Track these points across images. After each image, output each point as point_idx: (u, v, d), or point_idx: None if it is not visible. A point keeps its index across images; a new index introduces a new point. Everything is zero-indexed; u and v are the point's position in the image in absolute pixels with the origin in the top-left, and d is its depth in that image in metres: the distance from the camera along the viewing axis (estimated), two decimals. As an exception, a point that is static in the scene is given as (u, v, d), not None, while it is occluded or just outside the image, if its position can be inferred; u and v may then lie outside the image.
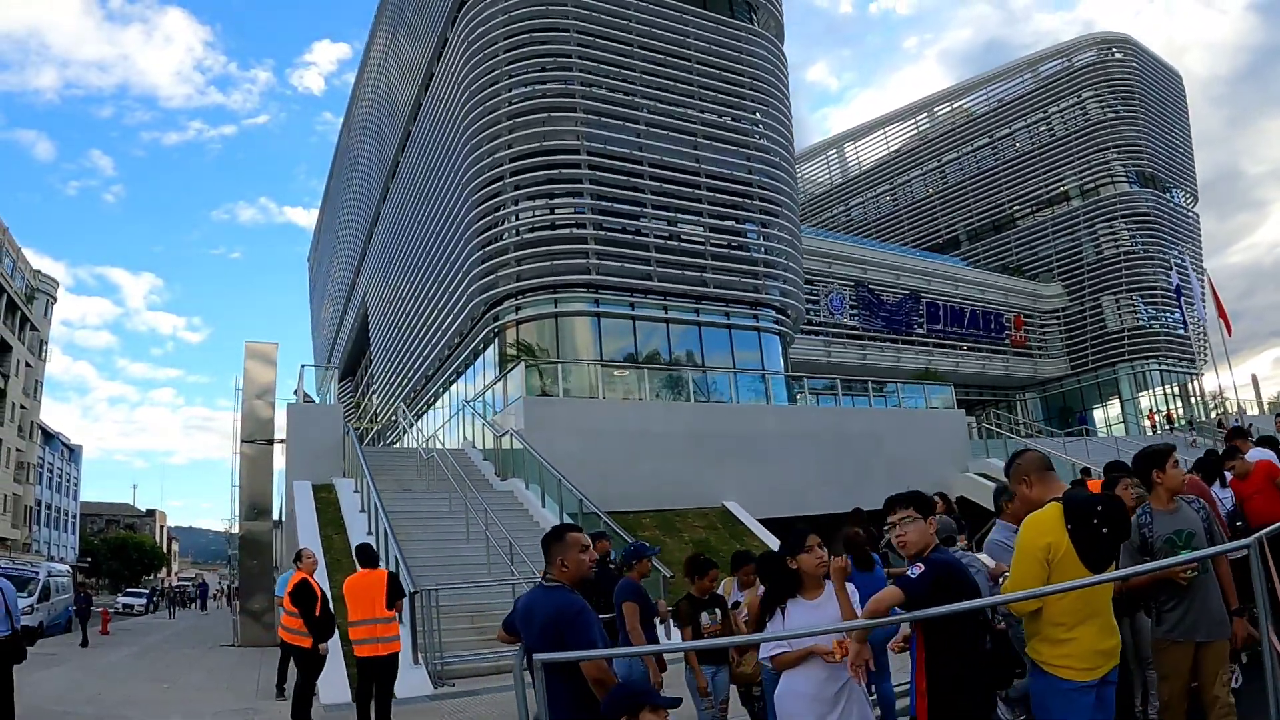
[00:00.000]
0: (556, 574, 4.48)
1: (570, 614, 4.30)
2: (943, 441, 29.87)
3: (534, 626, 4.39)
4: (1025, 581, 4.14)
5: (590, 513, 16.83)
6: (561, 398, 24.22)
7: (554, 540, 4.56)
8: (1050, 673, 4.11)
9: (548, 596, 4.43)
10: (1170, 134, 57.89)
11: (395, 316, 45.13)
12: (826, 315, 44.69)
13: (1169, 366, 53.59)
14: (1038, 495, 4.44)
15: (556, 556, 4.50)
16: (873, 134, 66.46)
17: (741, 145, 34.26)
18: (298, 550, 10.72)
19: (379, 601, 8.80)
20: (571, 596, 4.42)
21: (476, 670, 12.09)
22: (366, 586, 8.97)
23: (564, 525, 4.79)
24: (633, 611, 6.75)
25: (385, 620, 8.78)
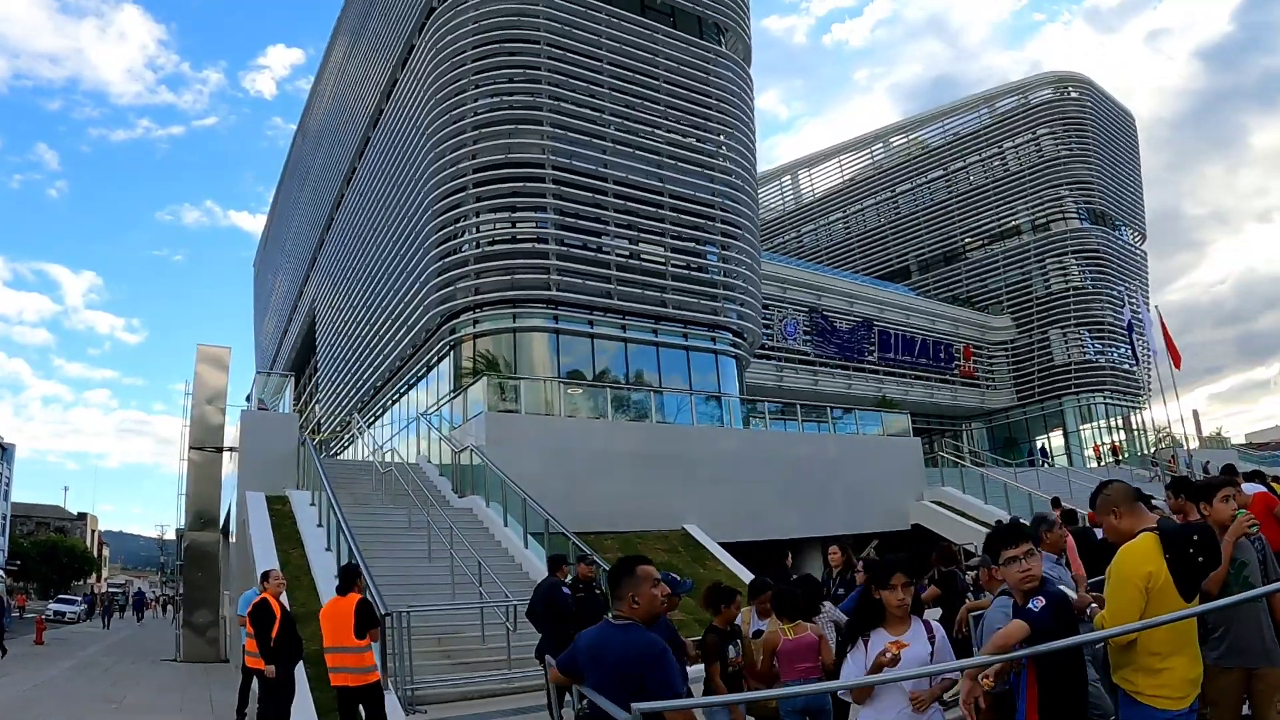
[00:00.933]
0: (628, 611, 4.13)
1: (652, 656, 3.97)
2: (899, 468, 29.87)
3: (606, 667, 4.07)
4: (1127, 610, 4.13)
5: (557, 533, 16.41)
6: (523, 414, 23.80)
7: (625, 574, 4.21)
8: (1145, 703, 4.11)
9: (621, 636, 4.08)
10: (1121, 173, 59.07)
11: (345, 325, 44.29)
12: (780, 340, 44.70)
13: (1113, 400, 54.47)
14: (1127, 526, 4.46)
15: (628, 592, 4.15)
16: (827, 162, 66.95)
17: (705, 167, 34.10)
18: (265, 570, 10.23)
19: (348, 630, 8.36)
20: (650, 636, 4.10)
21: (448, 696, 11.64)
22: (337, 614, 8.54)
23: (634, 558, 4.40)
24: None
25: (355, 650, 8.33)
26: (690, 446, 25.27)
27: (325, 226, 49.83)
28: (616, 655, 4.03)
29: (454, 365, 30.60)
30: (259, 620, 9.29)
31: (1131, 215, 59.86)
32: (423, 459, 25.05)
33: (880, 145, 64.43)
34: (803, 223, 67.18)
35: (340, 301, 45.66)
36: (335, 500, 15.19)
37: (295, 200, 62.22)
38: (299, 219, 60.23)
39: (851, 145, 66.29)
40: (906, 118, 65.66)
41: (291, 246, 62.92)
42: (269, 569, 10.38)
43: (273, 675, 9.17)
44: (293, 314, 60.91)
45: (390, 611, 11.23)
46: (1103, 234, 55.52)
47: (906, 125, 64.21)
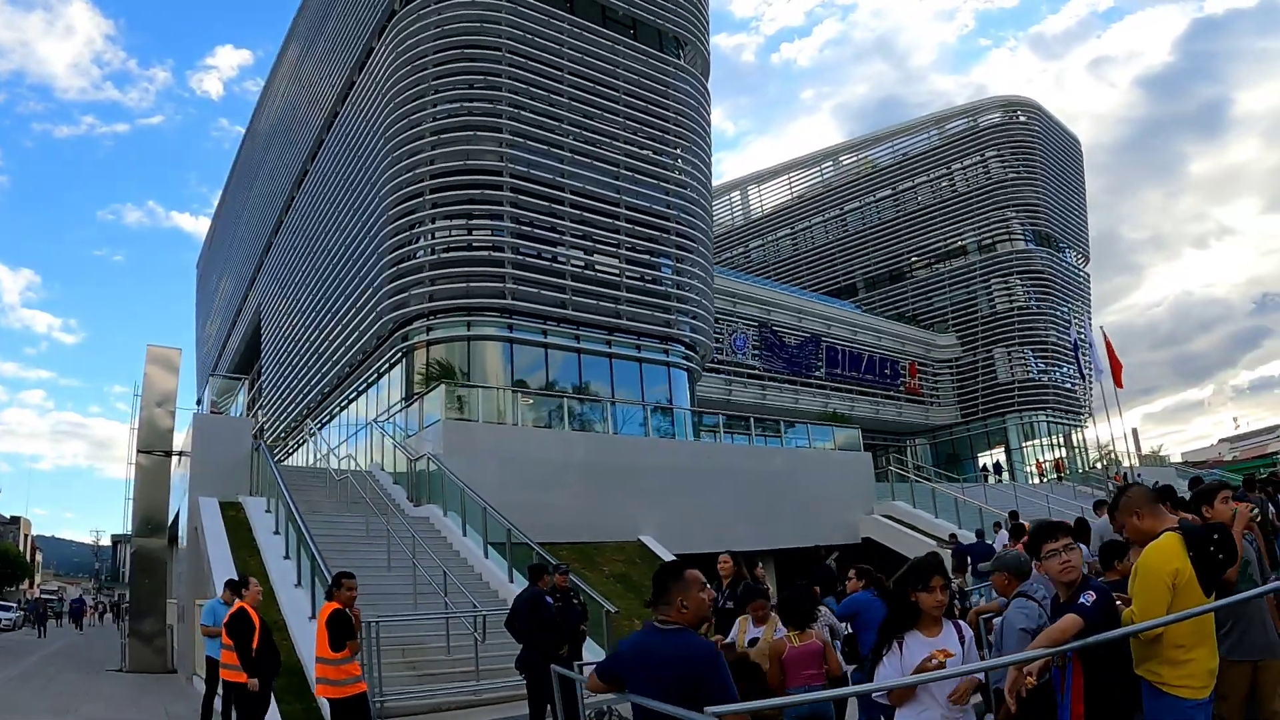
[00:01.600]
0: (675, 616, 4.04)
1: (706, 660, 3.92)
2: (850, 483, 30.09)
3: (655, 673, 3.96)
4: (1156, 605, 4.34)
5: (520, 544, 16.29)
6: (480, 423, 23.59)
7: (673, 578, 4.12)
8: (1170, 693, 4.31)
9: (671, 641, 3.99)
10: (1067, 196, 60.24)
11: (292, 330, 43.59)
12: (729, 354, 44.81)
13: (1055, 418, 55.42)
14: (1149, 526, 4.71)
15: (676, 596, 4.05)
16: (777, 178, 67.38)
17: (662, 179, 34.17)
18: (244, 577, 9.98)
19: (323, 641, 8.16)
20: (701, 640, 4.05)
21: (417, 709, 11.46)
22: (318, 625, 8.41)
23: (681, 561, 4.34)
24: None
25: (332, 661, 8.09)
26: (645, 458, 25.24)
27: (274, 229, 49.07)
28: (668, 660, 3.91)
29: (406, 372, 30.30)
30: (238, 631, 9.04)
31: (1075, 238, 61.04)
32: (375, 466, 24.76)
33: (830, 163, 65.02)
34: (751, 238, 67.50)
35: (288, 305, 44.96)
36: (296, 508, 14.92)
37: (243, 202, 61.20)
38: (246, 221, 59.21)
39: (802, 163, 66.82)
40: (857, 137, 66.46)
41: (237, 249, 61.83)
42: (247, 577, 10.11)
43: (255, 689, 8.96)
44: (237, 317, 59.85)
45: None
46: (1047, 255, 56.55)
47: (857, 144, 64.90)
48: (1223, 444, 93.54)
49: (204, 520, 16.84)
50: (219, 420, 21.67)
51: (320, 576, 13.10)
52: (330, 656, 8.00)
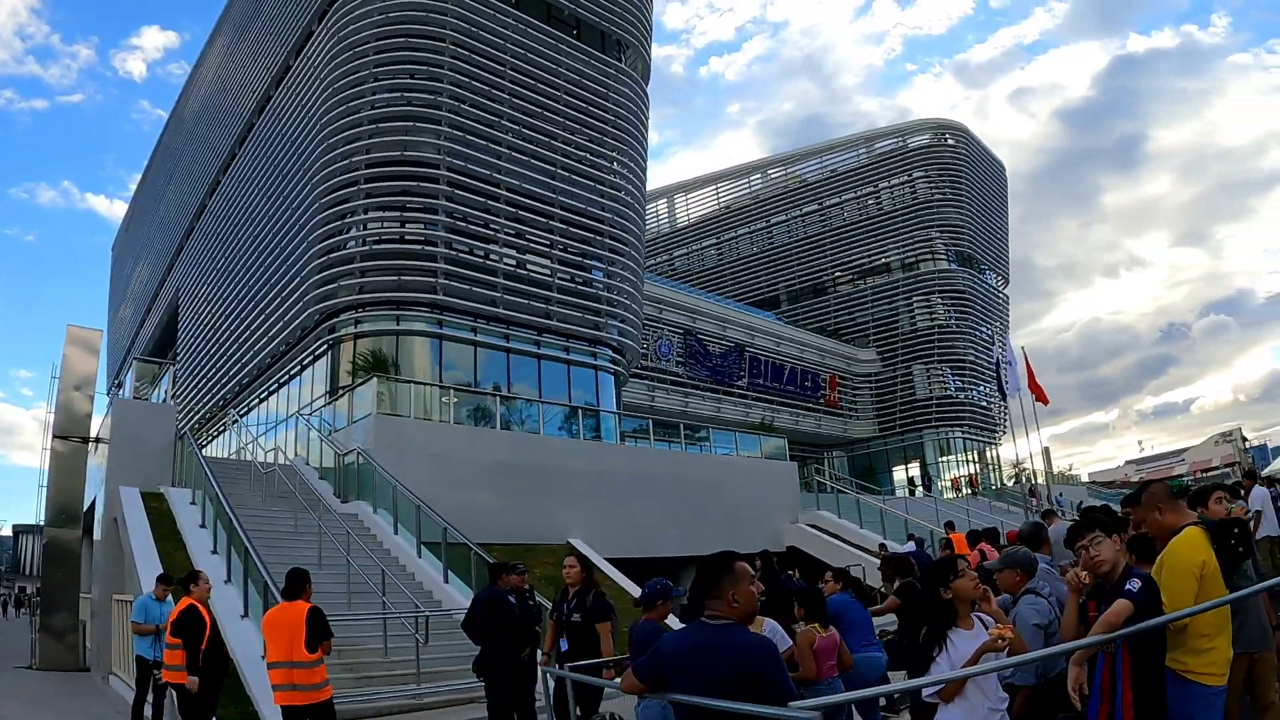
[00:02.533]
0: (726, 610, 3.81)
1: (766, 656, 3.71)
2: (776, 491, 30.18)
3: (708, 672, 3.72)
4: (1184, 596, 4.54)
5: (457, 544, 15.91)
6: (412, 419, 23.08)
7: (723, 570, 3.89)
8: (1193, 680, 4.50)
9: (724, 637, 3.76)
10: (990, 219, 61.67)
11: (212, 317, 42.35)
12: (654, 360, 44.72)
13: (970, 435, 56.50)
14: (1170, 521, 4.98)
15: (727, 590, 3.82)
16: (705, 188, 67.76)
17: (597, 181, 33.95)
18: (192, 571, 9.42)
19: (297, 641, 7.57)
20: (756, 635, 3.85)
21: (358, 713, 11.03)
22: (285, 623, 7.71)
23: (730, 553, 4.08)
24: None
25: (305, 665, 7.57)
26: (575, 461, 24.92)
27: (196, 213, 47.57)
28: (722, 658, 3.70)
29: (331, 365, 29.62)
30: (187, 629, 8.51)
31: (996, 260, 62.48)
32: (299, 460, 24.03)
33: (758, 176, 65.60)
34: (675, 246, 67.67)
35: (208, 292, 43.61)
36: (227, 501, 14.37)
37: (164, 185, 59.19)
38: (167, 205, 57.23)
39: (730, 174, 67.32)
40: (786, 152, 67.22)
41: (156, 233, 59.79)
42: (196, 571, 9.55)
43: (195, 689, 8.48)
44: (152, 303, 57.88)
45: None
46: (968, 276, 57.74)
47: (785, 159, 65.56)
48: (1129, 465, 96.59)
49: (125, 511, 16.10)
50: (141, 406, 20.65)
51: (254, 573, 12.63)
52: (305, 658, 7.50)
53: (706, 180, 67.78)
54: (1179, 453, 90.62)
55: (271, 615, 7.88)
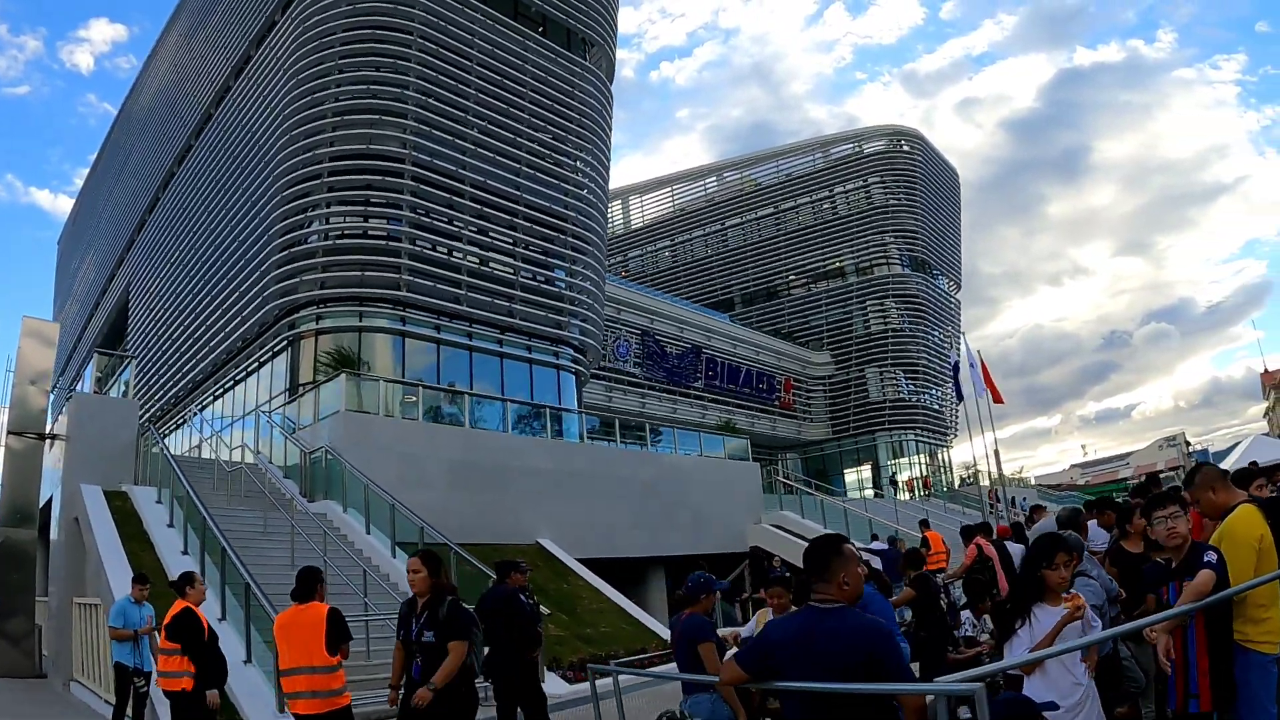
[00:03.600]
0: (836, 593, 3.63)
1: (883, 639, 3.55)
2: (740, 492, 29.94)
3: (822, 659, 3.52)
4: (1245, 568, 4.74)
5: (437, 543, 15.39)
6: (381, 416, 22.48)
7: (833, 553, 3.71)
8: (1252, 649, 4.68)
9: (839, 621, 3.58)
10: (943, 225, 62.27)
11: (165, 313, 41.23)
12: (611, 360, 44.34)
13: (923, 438, 56.83)
14: (1223, 500, 5.20)
15: (837, 573, 3.65)
16: (660, 190, 67.56)
17: (561, 179, 33.57)
18: (188, 574, 8.76)
19: (315, 645, 6.87)
20: (872, 618, 3.68)
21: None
22: (301, 626, 6.97)
23: (839, 536, 3.94)
24: (713, 654, 6.05)
25: (326, 669, 6.87)
26: (542, 460, 24.39)
27: (149, 207, 46.31)
28: (839, 642, 3.51)
29: (290, 362, 28.96)
30: (185, 634, 7.93)
31: (949, 265, 63.04)
32: (262, 458, 23.28)
33: (714, 179, 65.58)
34: (630, 248, 67.37)
35: (161, 287, 42.44)
36: (202, 501, 13.77)
37: (114, 178, 57.49)
38: (117, 198, 55.54)
39: (685, 176, 67.24)
40: (742, 155, 67.31)
41: (105, 227, 58.10)
42: (190, 573, 8.91)
43: (216, 704, 7.95)
44: (101, 297, 56.16)
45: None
46: (922, 280, 58.16)
47: (741, 162, 65.59)
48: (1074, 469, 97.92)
49: (89, 511, 15.35)
50: (102, 401, 19.73)
51: (232, 575, 12.09)
52: (325, 663, 6.86)
53: (662, 182, 67.62)
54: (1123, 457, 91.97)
55: (285, 618, 7.20)
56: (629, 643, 16.25)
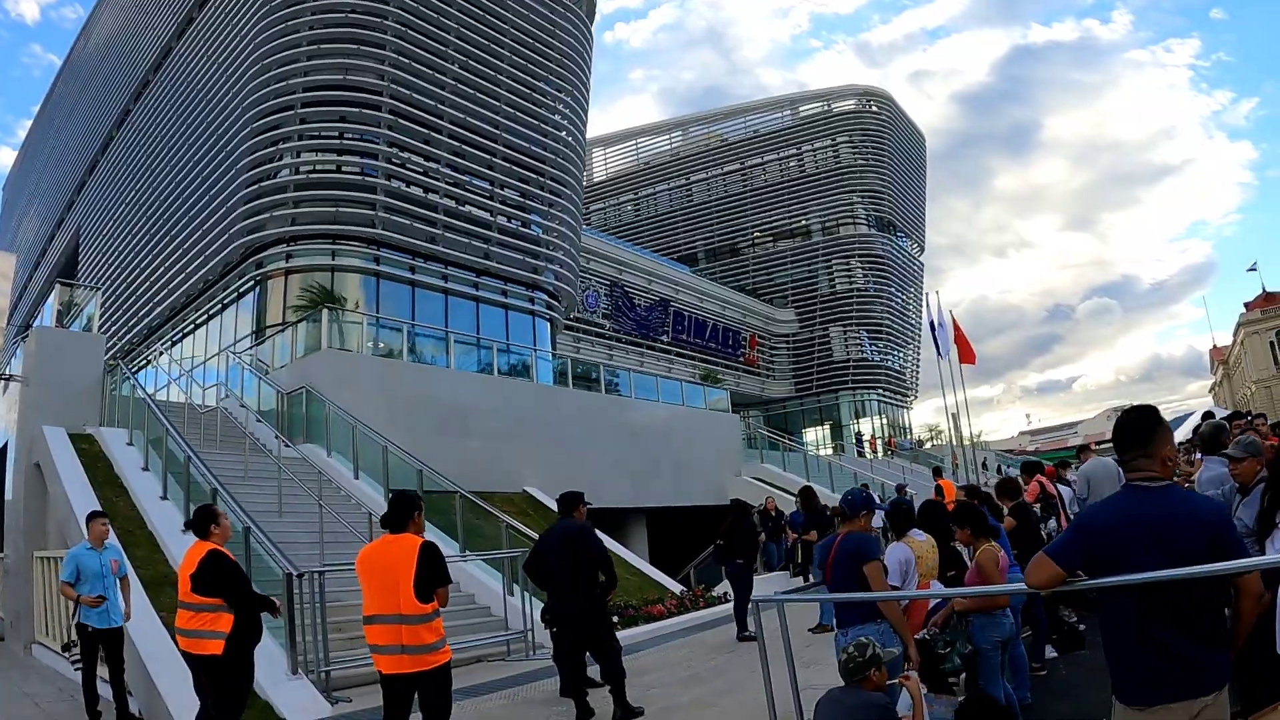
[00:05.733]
0: (1160, 470, 3.13)
1: (1226, 517, 3.30)
2: (722, 444, 28.70)
3: (1165, 540, 2.99)
4: None
5: (440, 491, 13.90)
6: (366, 355, 20.79)
7: (1155, 423, 3.20)
8: None
9: (1175, 499, 3.10)
10: (909, 187, 61.19)
11: (119, 257, 38.67)
12: (581, 311, 42.74)
13: (885, 399, 56.02)
14: None
15: (1161, 446, 3.14)
16: (624, 143, 65.49)
17: (542, 120, 31.91)
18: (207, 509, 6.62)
19: (405, 588, 5.16)
20: (1207, 496, 3.57)
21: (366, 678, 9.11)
22: (388, 562, 5.30)
23: (1147, 407, 3.35)
24: (881, 574, 5.35)
25: (417, 619, 5.18)
26: (532, 405, 22.78)
27: (101, 148, 43.55)
28: (1178, 523, 3.02)
29: (257, 303, 27.16)
30: (220, 580, 6.01)
31: (914, 227, 62.07)
32: (231, 401, 21.45)
33: (679, 133, 63.78)
34: (592, 200, 65.12)
35: (115, 230, 39.81)
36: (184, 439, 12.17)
37: (64, 120, 54.06)
38: (66, 140, 52.35)
39: (650, 130, 65.35)
40: (709, 110, 65.37)
41: (53, 171, 54.81)
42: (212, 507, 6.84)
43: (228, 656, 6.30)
44: (48, 245, 52.90)
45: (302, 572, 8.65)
46: (887, 241, 57.06)
47: (708, 117, 63.81)
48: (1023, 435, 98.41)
49: (54, 454, 13.52)
50: (66, 336, 17.68)
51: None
52: (417, 611, 5.19)
53: (626, 135, 65.58)
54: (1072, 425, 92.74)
55: (370, 552, 5.52)
56: (637, 593, 14.91)
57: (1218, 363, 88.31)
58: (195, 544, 6.18)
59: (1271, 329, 72.75)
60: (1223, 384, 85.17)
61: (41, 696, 9.15)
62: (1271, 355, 72.63)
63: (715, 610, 14.00)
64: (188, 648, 6.03)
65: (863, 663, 4.49)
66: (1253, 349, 74.44)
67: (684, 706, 7.37)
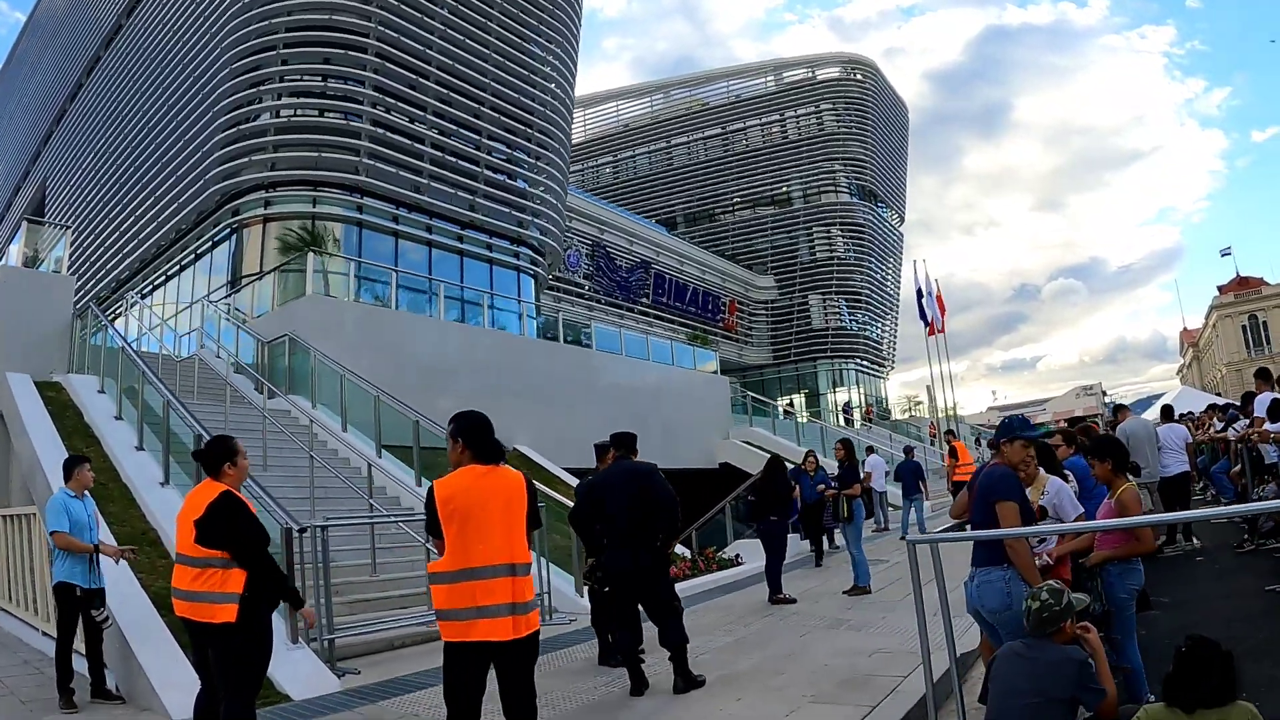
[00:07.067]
0: None
1: None
2: (711, 406, 27.86)
3: None
4: None
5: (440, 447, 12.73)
6: (352, 301, 19.50)
7: None
8: None
9: None
10: (892, 157, 60.23)
11: (88, 207, 36.66)
12: (562, 271, 41.47)
13: (863, 368, 55.31)
14: None
15: None
16: (604, 105, 63.90)
17: (532, 71, 30.55)
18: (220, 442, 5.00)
19: (518, 530, 4.03)
20: None
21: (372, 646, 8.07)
22: (506, 497, 4.05)
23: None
24: (1016, 516, 4.43)
25: (526, 569, 4.03)
26: (521, 361, 21.60)
27: (70, 96, 41.45)
28: None
29: (233, 251, 25.76)
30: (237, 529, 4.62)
31: (895, 197, 61.16)
32: (206, 350, 20.07)
33: (660, 96, 62.31)
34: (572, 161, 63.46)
35: (83, 179, 37.79)
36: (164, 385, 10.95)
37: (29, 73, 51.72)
38: (32, 91, 50.00)
39: (631, 91, 63.85)
40: (691, 73, 64.07)
41: (18, 122, 52.47)
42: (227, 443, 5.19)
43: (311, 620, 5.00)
44: (12, 198, 50.53)
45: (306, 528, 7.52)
46: (868, 210, 56.16)
47: (690, 80, 62.47)
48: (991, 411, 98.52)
49: (18, 401, 12.17)
50: (32, 276, 16.25)
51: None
52: (522, 558, 4.02)
53: (607, 96, 63.95)
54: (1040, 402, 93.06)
55: (472, 483, 4.04)
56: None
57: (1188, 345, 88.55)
58: (203, 483, 4.77)
59: (1244, 312, 73.07)
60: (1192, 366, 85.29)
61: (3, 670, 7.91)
62: (1243, 338, 72.90)
63: (730, 573, 13.06)
64: (190, 614, 4.58)
65: (1059, 611, 3.80)
66: (1224, 332, 74.69)
67: (747, 674, 6.37)
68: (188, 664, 6.53)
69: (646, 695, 5.95)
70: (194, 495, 4.74)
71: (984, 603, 4.44)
